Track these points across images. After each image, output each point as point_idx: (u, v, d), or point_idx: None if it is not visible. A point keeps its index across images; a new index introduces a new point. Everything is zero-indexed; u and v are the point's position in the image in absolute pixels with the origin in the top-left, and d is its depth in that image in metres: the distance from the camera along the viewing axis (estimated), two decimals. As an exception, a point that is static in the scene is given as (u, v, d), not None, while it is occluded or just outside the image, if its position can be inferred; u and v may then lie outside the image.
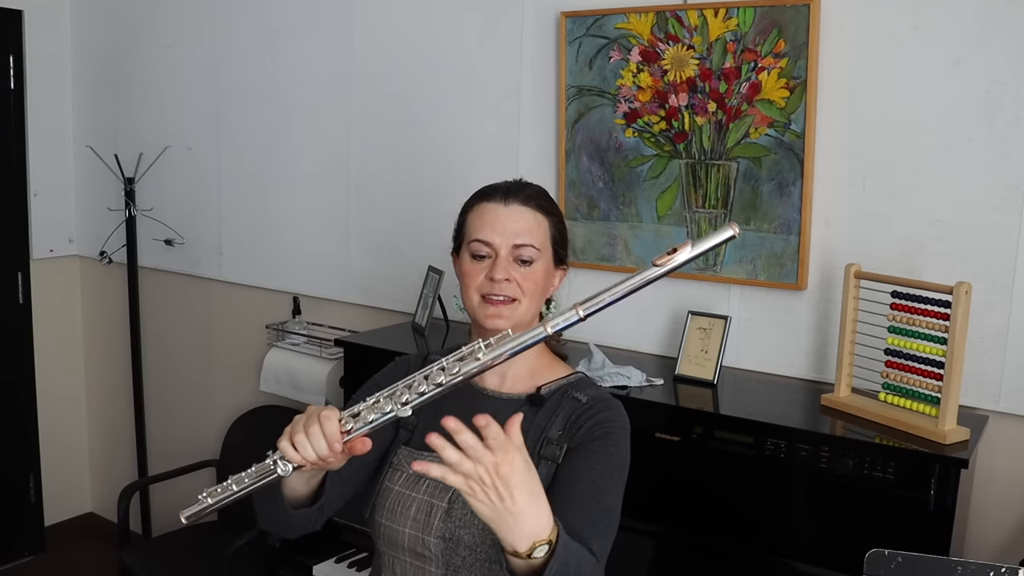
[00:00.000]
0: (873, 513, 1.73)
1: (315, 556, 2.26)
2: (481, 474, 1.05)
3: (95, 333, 3.87)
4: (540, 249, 1.38)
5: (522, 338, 1.13)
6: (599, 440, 1.32)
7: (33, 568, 3.62)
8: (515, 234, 1.37)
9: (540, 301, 1.41)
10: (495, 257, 1.37)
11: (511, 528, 1.08)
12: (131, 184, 3.44)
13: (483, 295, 1.37)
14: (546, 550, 1.10)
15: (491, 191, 1.42)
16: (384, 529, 1.38)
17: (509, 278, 1.36)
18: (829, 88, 2.04)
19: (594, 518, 1.26)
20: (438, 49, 2.67)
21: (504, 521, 1.08)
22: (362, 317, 2.97)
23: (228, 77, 3.21)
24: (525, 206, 1.39)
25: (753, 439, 1.85)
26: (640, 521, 1.88)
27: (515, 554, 1.10)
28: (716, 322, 2.16)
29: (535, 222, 1.39)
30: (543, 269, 1.39)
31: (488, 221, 1.38)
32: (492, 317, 1.36)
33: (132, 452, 3.69)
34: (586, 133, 2.37)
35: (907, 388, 1.85)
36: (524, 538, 1.09)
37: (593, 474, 1.30)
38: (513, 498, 1.07)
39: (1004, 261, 1.89)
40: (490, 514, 1.08)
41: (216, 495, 1.20)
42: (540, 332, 1.13)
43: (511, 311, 1.36)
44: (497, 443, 1.05)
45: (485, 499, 1.06)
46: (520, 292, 1.36)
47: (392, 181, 2.82)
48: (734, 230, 1.07)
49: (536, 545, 1.09)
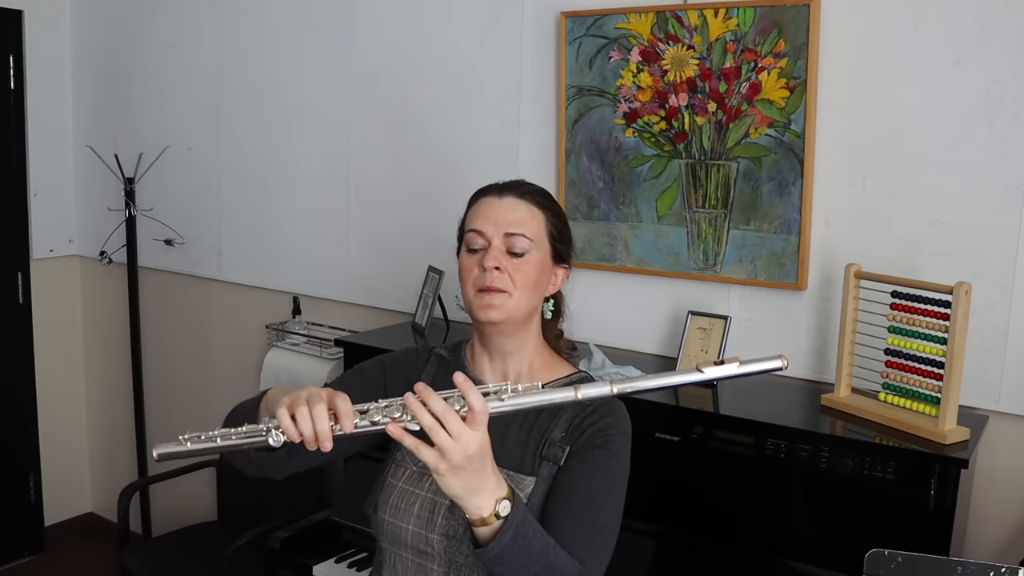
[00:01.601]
0: (873, 513, 1.73)
1: (315, 556, 2.26)
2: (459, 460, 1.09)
3: (95, 333, 3.87)
4: (533, 240, 1.38)
5: (551, 395, 1.13)
6: (600, 449, 1.33)
7: (33, 568, 3.62)
8: (507, 223, 1.37)
9: (535, 296, 1.40)
10: (488, 247, 1.37)
11: (479, 493, 1.13)
12: (131, 184, 3.44)
13: (477, 288, 1.37)
14: (508, 505, 1.15)
15: (490, 187, 1.44)
16: (387, 526, 1.38)
17: (499, 267, 1.35)
18: (829, 88, 2.04)
19: (588, 536, 1.28)
20: (438, 49, 2.67)
21: (473, 490, 1.12)
22: (362, 317, 2.97)
23: (228, 77, 3.21)
24: (519, 199, 1.40)
25: (753, 439, 1.85)
26: (640, 521, 1.88)
27: (482, 521, 1.14)
28: (716, 322, 2.16)
29: (528, 214, 1.39)
30: (537, 262, 1.39)
31: (482, 212, 1.39)
32: (485, 308, 1.35)
33: (132, 452, 3.68)
34: (586, 133, 2.37)
35: (907, 388, 1.85)
36: (489, 499, 1.14)
37: (591, 489, 1.30)
38: (484, 467, 1.13)
39: (1004, 261, 1.89)
40: (461, 489, 1.12)
41: (197, 441, 1.13)
42: (571, 396, 1.12)
43: (503, 301, 1.35)
44: (479, 421, 1.10)
45: (456, 479, 1.11)
46: (511, 284, 1.36)
47: (392, 181, 2.82)
48: (784, 362, 1.08)
49: (499, 501, 1.14)
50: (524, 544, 1.16)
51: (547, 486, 1.33)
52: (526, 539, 1.16)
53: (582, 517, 1.28)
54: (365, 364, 1.52)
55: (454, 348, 1.52)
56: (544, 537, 1.20)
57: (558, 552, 1.21)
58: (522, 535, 1.15)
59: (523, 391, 1.12)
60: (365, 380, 1.47)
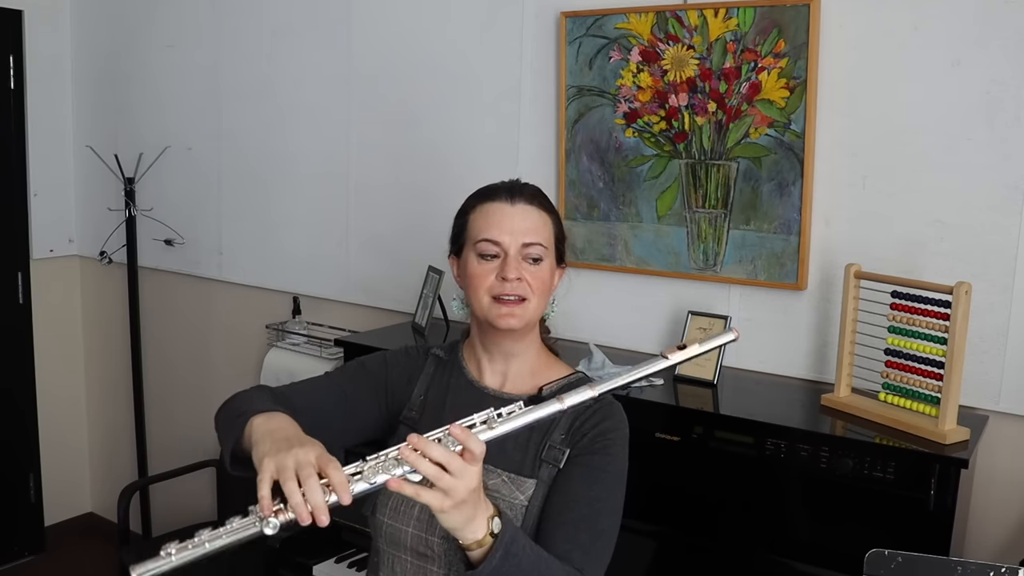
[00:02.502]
0: (873, 513, 1.73)
1: (315, 556, 2.26)
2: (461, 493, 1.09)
3: (95, 333, 3.87)
4: (547, 247, 1.39)
5: (538, 412, 1.14)
6: (600, 454, 1.33)
7: (33, 568, 3.62)
8: (524, 232, 1.37)
9: (547, 300, 1.42)
10: (505, 257, 1.36)
11: (475, 519, 1.14)
12: (131, 184, 3.44)
13: (494, 296, 1.36)
14: (498, 521, 1.16)
15: (493, 191, 1.42)
16: (386, 528, 1.38)
17: (521, 277, 1.36)
18: (829, 88, 2.04)
19: (588, 543, 1.28)
20: (438, 49, 2.67)
21: (471, 518, 1.13)
22: (362, 317, 2.97)
23: (228, 77, 3.21)
24: (530, 205, 1.40)
25: (753, 439, 1.85)
26: (640, 521, 1.88)
27: (478, 543, 1.15)
28: (716, 322, 2.16)
29: (541, 221, 1.40)
30: (550, 267, 1.41)
31: (495, 221, 1.38)
32: (505, 317, 1.36)
33: (132, 452, 3.69)
34: (586, 133, 2.37)
35: (907, 388, 1.85)
36: (482, 521, 1.14)
37: (591, 496, 1.31)
38: (481, 495, 1.14)
39: (1004, 261, 1.89)
40: (462, 521, 1.12)
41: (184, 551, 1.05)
42: (556, 408, 1.14)
43: (523, 310, 1.36)
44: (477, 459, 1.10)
45: (458, 513, 1.11)
46: (530, 291, 1.37)
47: (392, 181, 2.82)
48: (736, 334, 1.20)
49: (490, 519, 1.15)
50: (515, 561, 1.16)
51: (547, 488, 1.33)
52: (516, 556, 1.17)
53: (581, 525, 1.29)
54: (367, 359, 1.51)
55: (450, 348, 1.52)
56: (535, 551, 1.21)
57: (551, 563, 1.22)
58: (512, 552, 1.16)
59: (508, 416, 1.14)
60: (368, 376, 1.47)
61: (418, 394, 1.47)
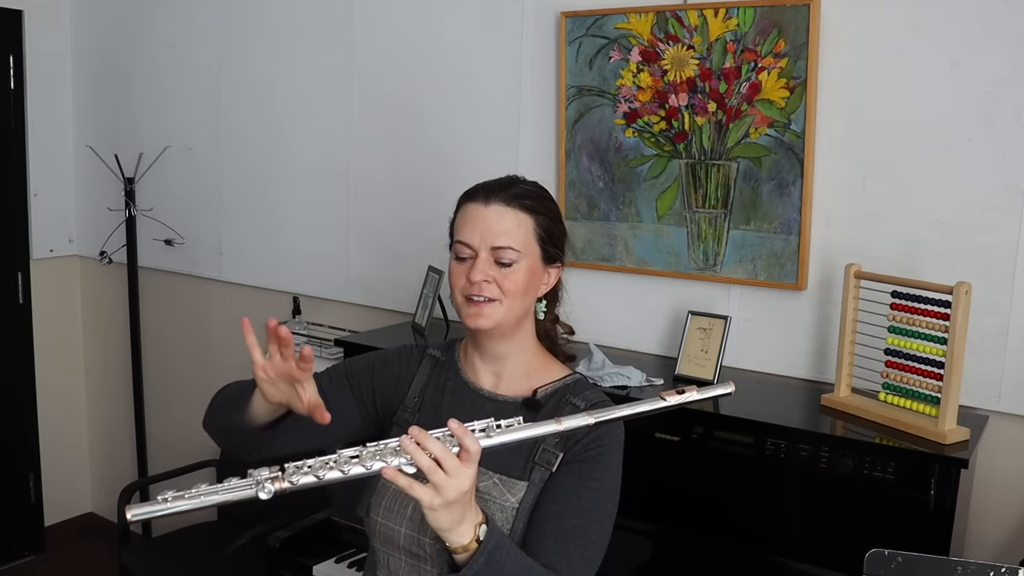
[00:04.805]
0: (873, 513, 1.73)
1: (315, 556, 2.26)
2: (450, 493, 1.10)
3: (95, 333, 3.87)
4: (521, 251, 1.36)
5: (535, 430, 1.17)
6: (592, 463, 1.33)
7: (33, 568, 3.62)
8: (494, 235, 1.36)
9: (525, 301, 1.39)
10: (475, 258, 1.36)
11: (463, 522, 1.14)
12: (131, 184, 3.44)
13: (465, 296, 1.37)
14: (486, 528, 1.17)
15: (476, 190, 1.41)
16: (380, 527, 1.38)
17: (488, 279, 1.35)
18: (829, 88, 2.04)
19: (574, 554, 1.28)
20: (438, 49, 2.67)
21: (459, 521, 1.14)
22: (362, 317, 2.97)
23: (228, 77, 3.21)
24: (507, 206, 1.37)
25: (753, 439, 1.85)
26: (639, 521, 1.89)
27: (464, 548, 1.15)
28: (716, 322, 2.16)
29: (515, 222, 1.37)
30: (526, 269, 1.37)
31: (469, 222, 1.38)
32: (474, 317, 1.36)
33: (132, 452, 3.69)
34: (586, 133, 2.37)
35: (907, 388, 1.85)
36: (470, 526, 1.15)
37: (582, 505, 1.31)
38: (471, 498, 1.15)
39: (1004, 261, 1.89)
40: (450, 523, 1.13)
41: (179, 500, 1.09)
42: (553, 428, 1.17)
43: (492, 310, 1.36)
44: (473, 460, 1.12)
45: (447, 514, 1.12)
46: (500, 293, 1.36)
47: (392, 181, 2.82)
48: (733, 388, 1.23)
49: (478, 526, 1.16)
50: (497, 568, 1.17)
51: (539, 491, 1.33)
52: (499, 563, 1.17)
53: (571, 535, 1.29)
54: (355, 361, 1.52)
55: (447, 348, 1.52)
56: (519, 558, 1.21)
57: (535, 571, 1.22)
58: (495, 559, 1.16)
59: (506, 428, 1.16)
60: (351, 379, 1.49)
61: (413, 395, 1.47)
